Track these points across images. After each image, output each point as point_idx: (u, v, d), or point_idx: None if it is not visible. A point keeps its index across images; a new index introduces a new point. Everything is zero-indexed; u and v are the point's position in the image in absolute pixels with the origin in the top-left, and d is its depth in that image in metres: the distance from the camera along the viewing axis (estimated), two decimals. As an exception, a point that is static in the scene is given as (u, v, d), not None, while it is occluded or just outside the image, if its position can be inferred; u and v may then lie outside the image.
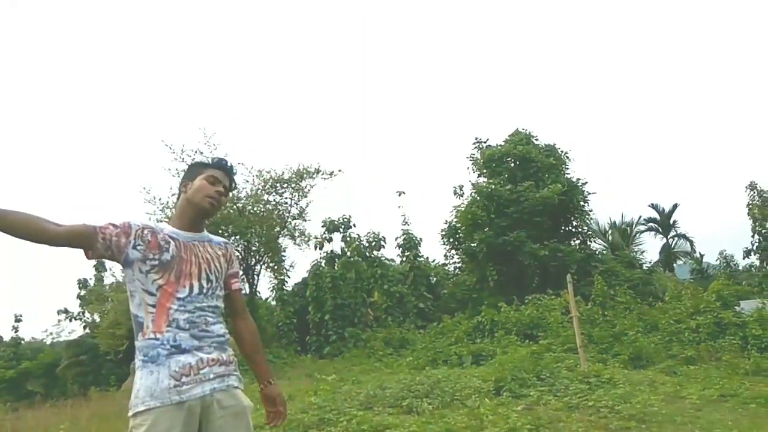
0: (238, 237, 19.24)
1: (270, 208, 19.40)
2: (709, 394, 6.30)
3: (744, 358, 8.66)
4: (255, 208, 19.07)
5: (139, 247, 1.93)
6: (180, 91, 63.48)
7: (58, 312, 24.77)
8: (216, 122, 59.90)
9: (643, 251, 27.58)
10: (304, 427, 6.12)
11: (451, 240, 20.72)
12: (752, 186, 15.83)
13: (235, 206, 18.53)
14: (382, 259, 20.77)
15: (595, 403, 5.86)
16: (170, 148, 18.07)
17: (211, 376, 1.92)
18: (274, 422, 2.24)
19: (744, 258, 17.64)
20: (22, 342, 28.47)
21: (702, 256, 29.29)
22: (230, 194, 2.23)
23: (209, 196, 2.09)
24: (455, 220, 20.24)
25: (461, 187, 20.80)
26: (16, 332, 23.97)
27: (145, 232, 1.96)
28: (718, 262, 25.70)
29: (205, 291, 2.01)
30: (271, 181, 19.12)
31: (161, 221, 2.19)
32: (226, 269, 2.16)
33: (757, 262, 16.01)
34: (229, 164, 2.21)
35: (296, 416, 6.59)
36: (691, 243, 29.24)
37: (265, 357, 2.29)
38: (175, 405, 1.83)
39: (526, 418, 5.32)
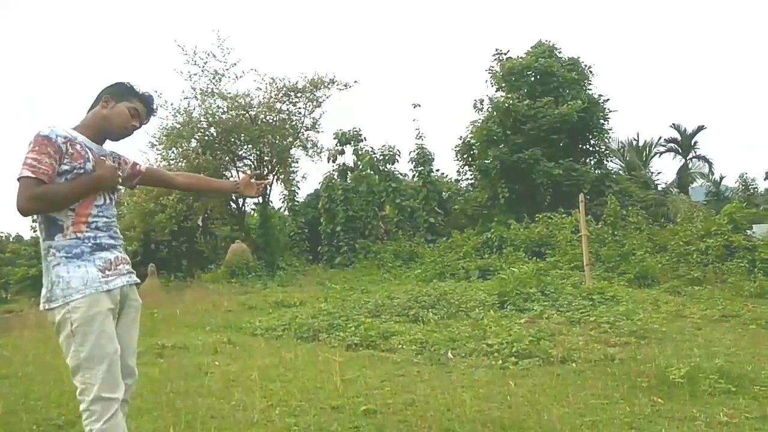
0: (250, 146, 19.17)
1: (283, 117, 19.14)
2: (711, 314, 6.42)
3: (749, 280, 8.73)
4: (267, 117, 18.81)
5: (65, 161, 2.01)
6: (190, -8, 61.03)
7: (76, 213, 25.48)
8: (230, 25, 57.85)
9: (660, 172, 27.26)
10: (314, 331, 6.38)
11: (465, 156, 20.49)
12: (781, 109, 15.19)
13: (247, 113, 18.29)
14: (395, 173, 20.70)
15: (596, 319, 6.00)
16: (182, 49, 17.73)
17: (124, 271, 2.17)
18: (260, 184, 2.70)
19: (765, 180, 17.26)
20: (43, 241, 29.30)
21: (722, 178, 28.84)
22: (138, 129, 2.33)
23: (125, 128, 2.21)
24: (470, 135, 19.91)
25: (481, 102, 20.27)
26: (35, 232, 24.70)
27: (68, 145, 2.02)
28: (737, 184, 25.29)
29: (111, 202, 2.19)
30: (284, 89, 18.67)
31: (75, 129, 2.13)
32: (121, 176, 2.27)
33: (776, 186, 15.67)
34: (155, 104, 2.36)
35: (307, 321, 6.86)
36: (710, 164, 28.72)
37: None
38: (105, 292, 2.04)
39: (528, 330, 5.47)
